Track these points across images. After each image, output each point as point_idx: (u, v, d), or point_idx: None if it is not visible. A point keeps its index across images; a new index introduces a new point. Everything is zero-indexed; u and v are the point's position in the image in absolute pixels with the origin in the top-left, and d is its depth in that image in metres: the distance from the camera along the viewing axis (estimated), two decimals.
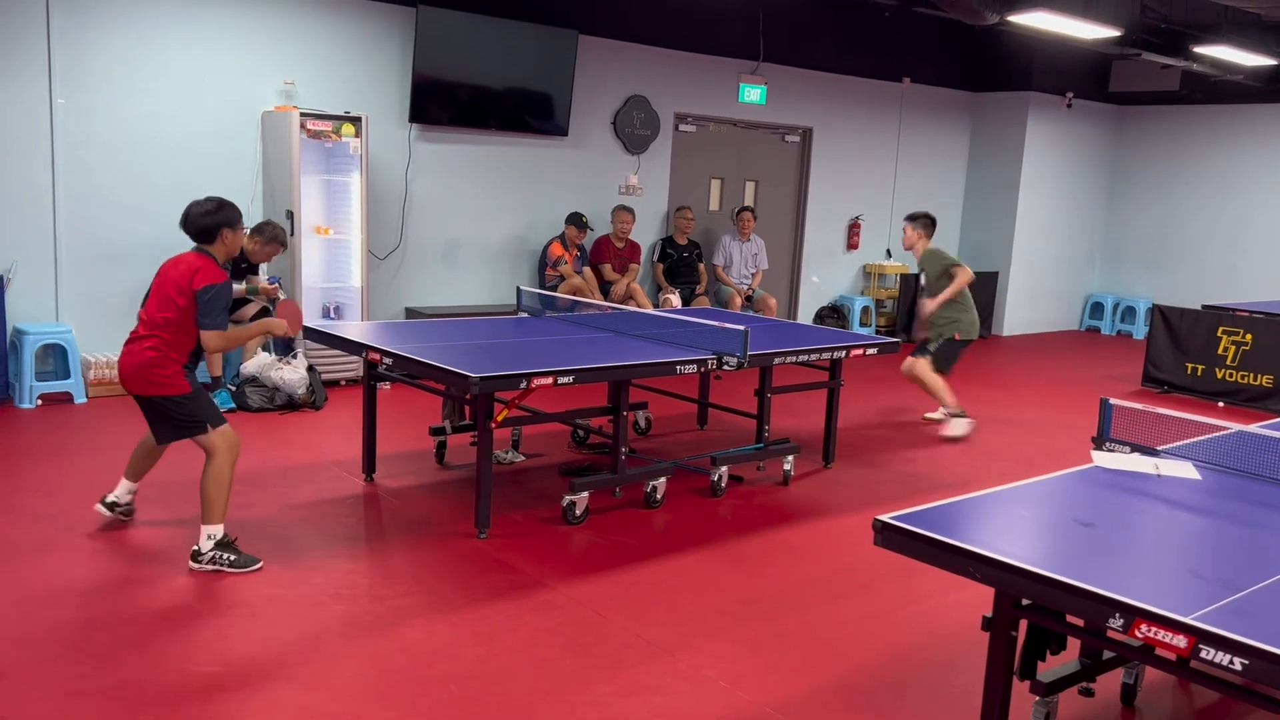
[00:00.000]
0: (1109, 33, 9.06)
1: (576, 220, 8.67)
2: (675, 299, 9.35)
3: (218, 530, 4.24)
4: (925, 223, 7.26)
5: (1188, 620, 2.23)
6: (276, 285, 6.98)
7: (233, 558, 4.22)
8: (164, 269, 4.33)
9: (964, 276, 7.04)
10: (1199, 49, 9.86)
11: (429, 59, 8.13)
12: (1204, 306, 9.52)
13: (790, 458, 5.90)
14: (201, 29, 7.27)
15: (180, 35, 7.19)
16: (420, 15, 7.98)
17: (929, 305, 7.14)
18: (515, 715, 3.23)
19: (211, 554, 4.20)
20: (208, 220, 4.29)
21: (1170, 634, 2.24)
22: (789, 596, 4.30)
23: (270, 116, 7.50)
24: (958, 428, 7.14)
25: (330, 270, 7.83)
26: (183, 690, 3.26)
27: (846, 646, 3.86)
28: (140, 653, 3.48)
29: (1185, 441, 3.87)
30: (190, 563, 4.21)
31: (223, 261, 4.36)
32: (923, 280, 7.39)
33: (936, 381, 7.17)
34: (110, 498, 4.65)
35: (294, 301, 5.15)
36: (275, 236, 6.87)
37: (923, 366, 7.21)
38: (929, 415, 7.63)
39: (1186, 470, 3.51)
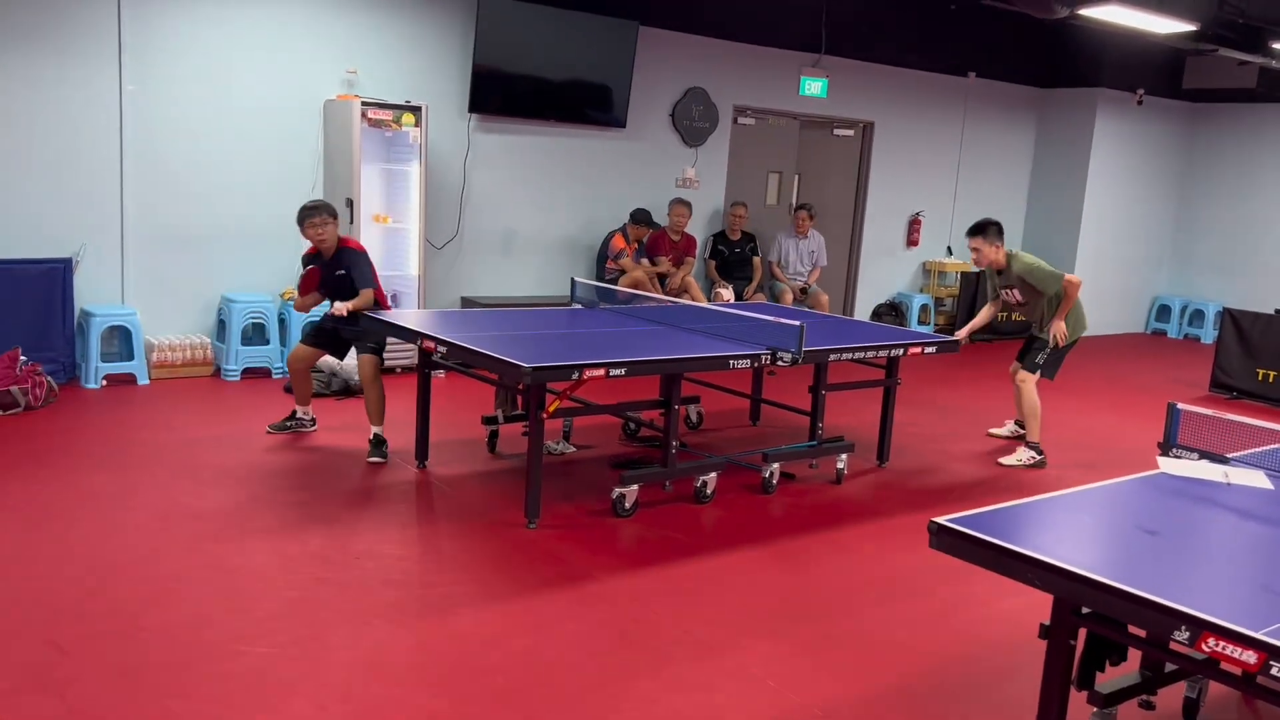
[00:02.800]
0: (1184, 27, 8.80)
1: (646, 219, 8.61)
2: (728, 293, 9.29)
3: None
4: (996, 231, 6.38)
5: (1258, 635, 2.14)
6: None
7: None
8: None
9: (1073, 288, 6.39)
10: (1278, 45, 9.54)
11: (489, 50, 8.15)
12: (1277, 311, 9.24)
13: (844, 456, 5.83)
14: (267, 18, 7.36)
15: (246, 24, 7.29)
16: (481, 6, 8.01)
17: (1059, 326, 6.42)
18: (561, 708, 3.22)
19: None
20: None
21: (1239, 649, 2.15)
22: (840, 597, 4.24)
23: (332, 105, 7.58)
24: (1023, 459, 6.38)
25: (388, 258, 7.89)
26: (234, 670, 3.30)
27: (898, 651, 3.79)
28: (193, 632, 3.53)
29: (1256, 449, 3.75)
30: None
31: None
32: (1017, 297, 6.50)
33: (1036, 407, 6.43)
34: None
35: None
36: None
37: (1030, 386, 6.46)
38: (994, 431, 7.11)
39: (1258, 479, 3.38)
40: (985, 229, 6.37)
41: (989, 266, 6.49)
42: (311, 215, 5.59)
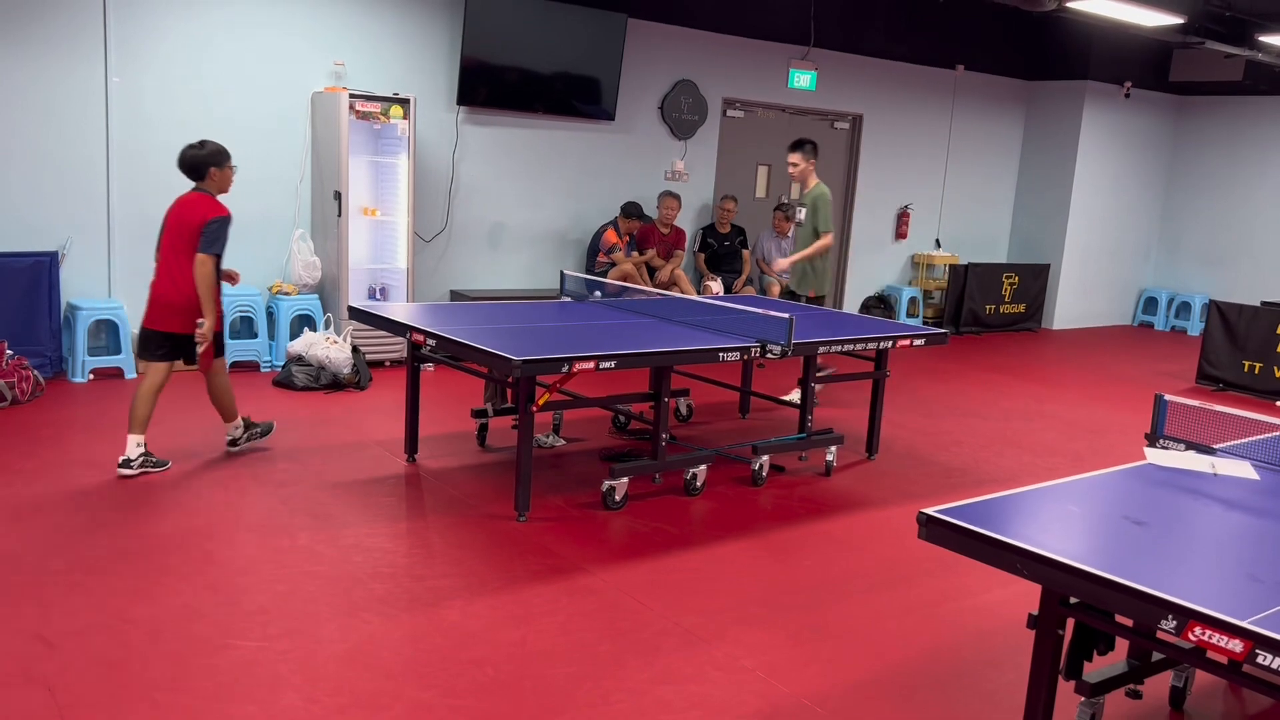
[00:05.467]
0: (1171, 20, 8.83)
1: (638, 212, 8.61)
2: (716, 286, 9.29)
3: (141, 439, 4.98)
4: (813, 149, 7.12)
5: (1245, 624, 2.16)
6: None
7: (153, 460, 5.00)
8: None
9: (826, 241, 7.05)
10: (1265, 38, 9.58)
11: (478, 42, 8.13)
12: (1263, 303, 9.29)
13: (833, 448, 5.84)
14: (254, 10, 7.32)
15: (233, 16, 7.25)
16: None
17: (789, 262, 7.21)
18: (551, 699, 3.22)
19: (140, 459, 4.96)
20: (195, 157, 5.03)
21: (1226, 638, 2.17)
22: (829, 588, 4.25)
23: (320, 97, 7.55)
24: None
25: (376, 251, 7.87)
26: (223, 663, 3.29)
27: (887, 641, 3.81)
28: (182, 625, 3.52)
29: (1243, 440, 3.77)
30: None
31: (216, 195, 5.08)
32: (800, 217, 7.21)
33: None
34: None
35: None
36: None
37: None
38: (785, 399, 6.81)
39: (1244, 470, 3.41)
40: (804, 144, 7.16)
41: (799, 181, 7.26)
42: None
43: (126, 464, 4.95)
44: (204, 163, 5.05)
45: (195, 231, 4.96)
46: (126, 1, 6.85)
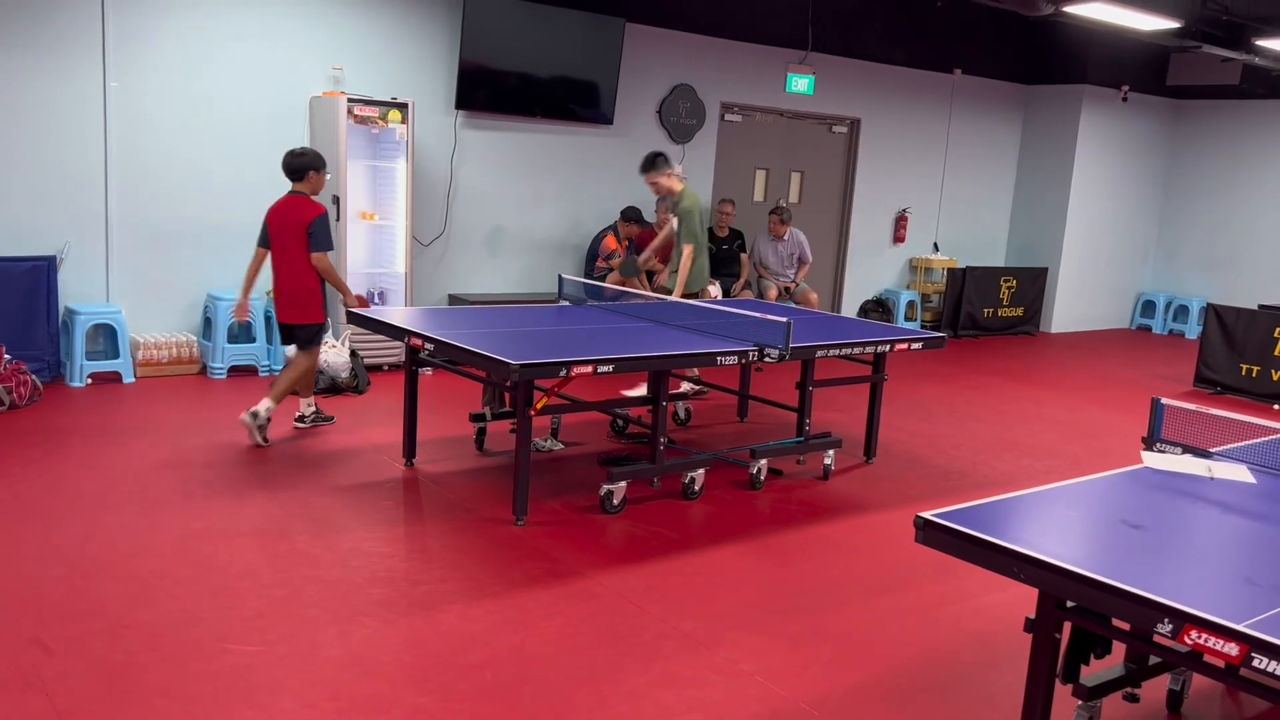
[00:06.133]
0: (1168, 24, 8.85)
1: (637, 216, 8.62)
2: (715, 290, 9.29)
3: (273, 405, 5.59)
4: (664, 160, 6.72)
5: (1240, 628, 2.16)
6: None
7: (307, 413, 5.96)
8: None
9: (689, 254, 6.70)
10: (1261, 42, 9.60)
11: (476, 46, 8.14)
12: (1261, 306, 9.30)
13: (831, 452, 5.84)
14: (252, 14, 7.33)
15: (231, 20, 7.26)
16: (468, 2, 7.99)
17: (649, 256, 7.21)
18: (549, 704, 3.23)
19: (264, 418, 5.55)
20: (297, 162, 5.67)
21: (1222, 641, 2.17)
22: (828, 592, 4.25)
23: (318, 102, 7.56)
24: None
25: (375, 256, 7.88)
26: (222, 668, 3.29)
27: (885, 644, 3.81)
28: (180, 630, 3.52)
29: (1239, 444, 3.77)
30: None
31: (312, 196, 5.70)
32: (673, 225, 6.91)
33: None
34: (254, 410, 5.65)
35: (366, 300, 6.48)
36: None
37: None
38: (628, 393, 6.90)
39: (1240, 473, 3.41)
40: (653, 162, 6.74)
41: (665, 196, 6.92)
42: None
43: (300, 419, 6.02)
44: (305, 166, 5.72)
45: (301, 229, 5.64)
46: (125, 6, 6.86)
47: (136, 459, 5.30)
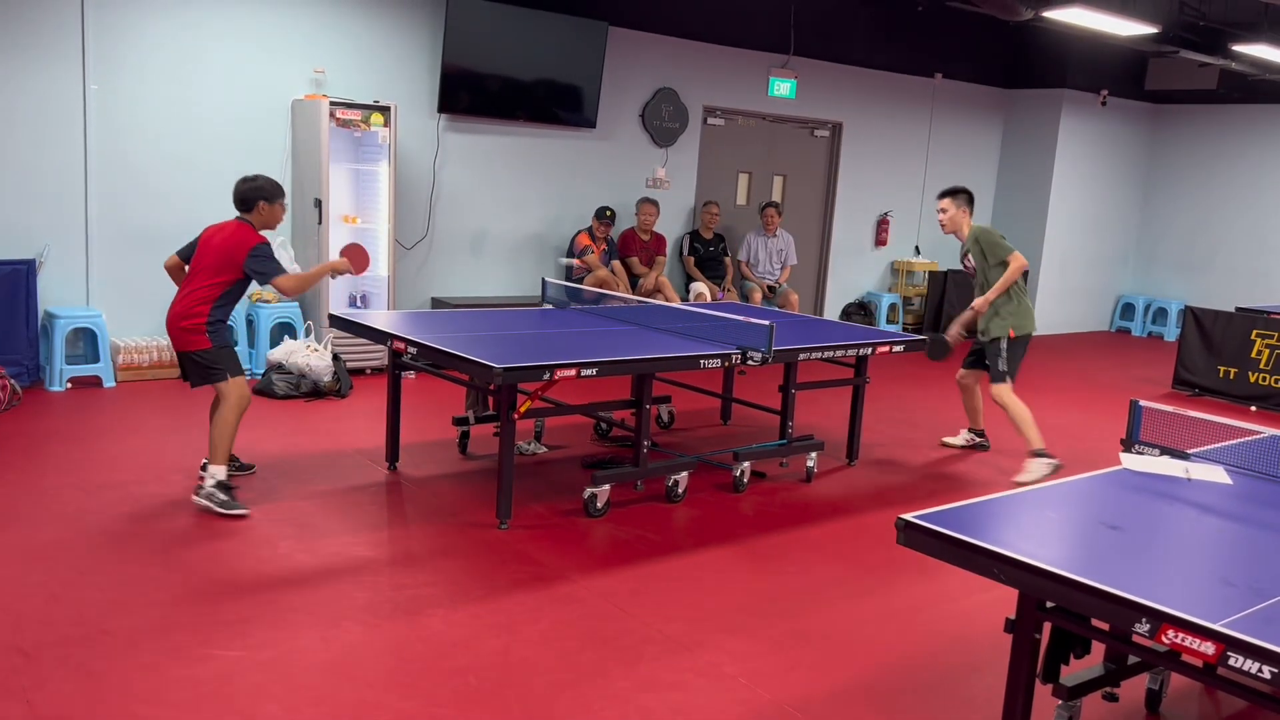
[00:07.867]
0: (1146, 30, 8.93)
1: (599, 213, 8.67)
2: (707, 291, 9.34)
3: (221, 471, 4.72)
4: (966, 197, 6.25)
5: (1216, 627, 2.19)
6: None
7: (223, 498, 4.66)
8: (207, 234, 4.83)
9: (1017, 264, 6.02)
10: (1238, 47, 9.70)
11: (459, 49, 8.13)
12: (1238, 309, 9.39)
13: (814, 455, 5.87)
14: (233, 16, 7.30)
15: (212, 22, 7.23)
16: (450, 5, 7.98)
17: (980, 302, 6.10)
18: (534, 708, 3.23)
19: (209, 490, 4.67)
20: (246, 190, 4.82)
21: (1198, 640, 2.20)
22: (810, 594, 4.27)
23: (300, 105, 7.53)
24: (1038, 471, 5.95)
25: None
26: (203, 674, 3.27)
27: (868, 646, 3.83)
28: (161, 637, 3.50)
29: (1217, 445, 3.81)
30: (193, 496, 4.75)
31: (259, 229, 4.84)
32: (969, 263, 6.29)
33: (1024, 413, 6.09)
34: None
35: (359, 245, 5.43)
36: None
37: (1009, 397, 6.09)
38: (948, 441, 6.82)
39: (1217, 474, 3.45)
40: (958, 192, 6.28)
41: (953, 233, 6.33)
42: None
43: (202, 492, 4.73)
44: (255, 197, 4.81)
45: (230, 261, 4.68)
46: (104, 8, 6.82)
47: (117, 464, 5.27)
